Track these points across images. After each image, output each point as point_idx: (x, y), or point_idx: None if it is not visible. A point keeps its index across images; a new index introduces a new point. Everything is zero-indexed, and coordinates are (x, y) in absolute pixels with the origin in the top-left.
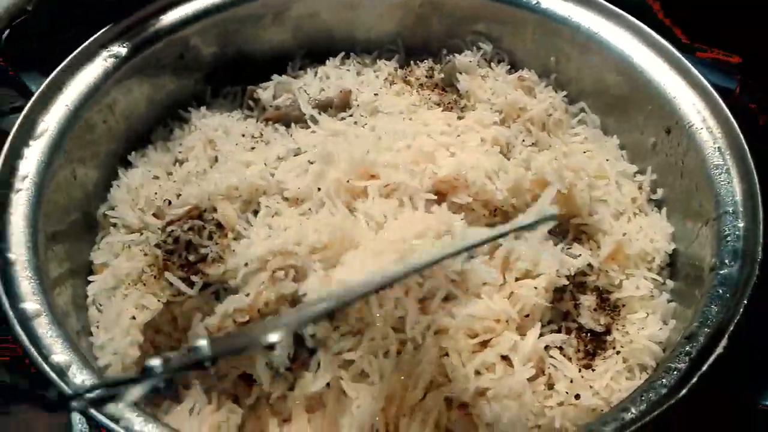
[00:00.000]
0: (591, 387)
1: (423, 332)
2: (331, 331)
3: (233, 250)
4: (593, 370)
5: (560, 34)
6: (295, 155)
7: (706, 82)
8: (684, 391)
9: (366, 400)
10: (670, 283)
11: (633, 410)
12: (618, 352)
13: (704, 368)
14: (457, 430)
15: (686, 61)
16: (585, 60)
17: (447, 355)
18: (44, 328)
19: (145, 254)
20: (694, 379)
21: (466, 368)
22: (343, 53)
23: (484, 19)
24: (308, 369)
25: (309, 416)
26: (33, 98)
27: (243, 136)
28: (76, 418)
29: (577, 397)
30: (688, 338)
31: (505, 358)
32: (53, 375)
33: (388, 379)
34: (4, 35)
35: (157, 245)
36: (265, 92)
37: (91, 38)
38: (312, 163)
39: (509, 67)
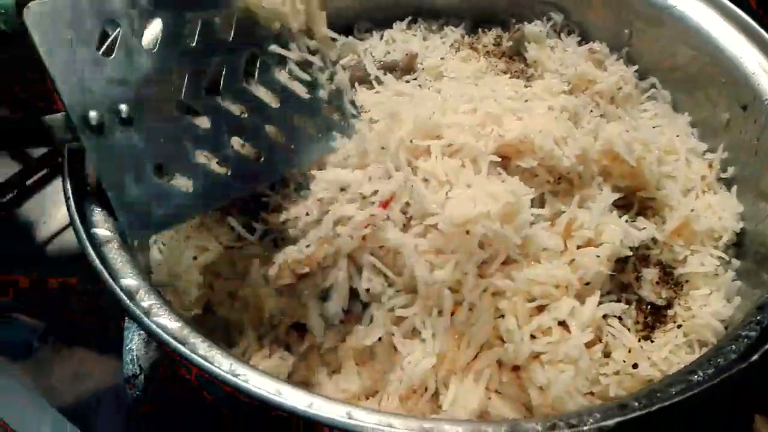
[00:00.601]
0: (649, 358)
1: (480, 294)
2: (386, 287)
3: (294, 201)
4: (652, 341)
5: (633, 6)
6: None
7: None
8: (755, 357)
9: (417, 357)
10: (735, 262)
11: (700, 373)
12: (679, 326)
13: None
14: (507, 392)
15: (766, 34)
16: (658, 33)
17: (502, 317)
18: (114, 253)
19: None
20: (766, 347)
21: (521, 331)
22: (409, 18)
23: None
24: (360, 323)
25: (358, 368)
26: None
27: None
28: (127, 358)
29: (635, 366)
30: (759, 308)
31: (562, 323)
32: (123, 296)
33: (440, 338)
34: None
35: None
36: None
37: None
38: (376, 121)
39: (579, 39)
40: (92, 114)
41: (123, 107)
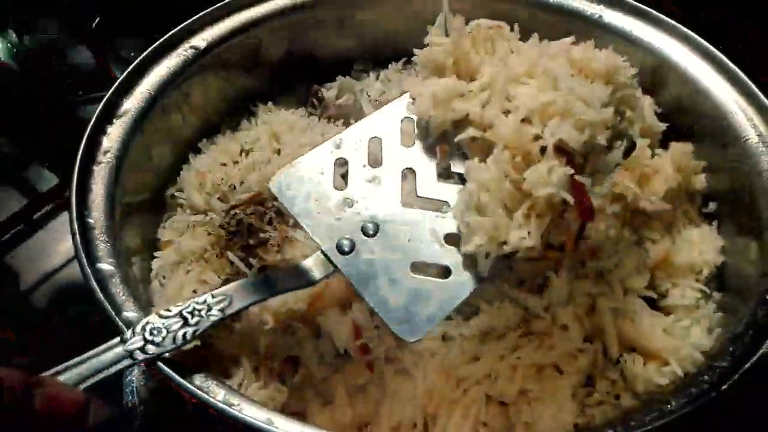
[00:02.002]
0: (632, 390)
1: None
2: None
3: (291, 239)
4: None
5: (620, 46)
6: None
7: (762, 96)
8: (725, 387)
9: (407, 394)
10: (717, 295)
11: (673, 402)
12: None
13: (747, 366)
14: (494, 425)
15: (742, 74)
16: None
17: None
18: (117, 287)
19: (209, 234)
20: (736, 376)
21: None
22: (405, 59)
23: (547, 32)
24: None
25: (350, 400)
26: (117, 82)
27: (305, 131)
28: (126, 389)
29: (617, 397)
30: (732, 339)
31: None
32: (124, 328)
33: (430, 377)
34: (95, 23)
35: (221, 226)
36: (328, 92)
37: (174, 31)
38: None
39: None
40: (344, 242)
41: (369, 225)
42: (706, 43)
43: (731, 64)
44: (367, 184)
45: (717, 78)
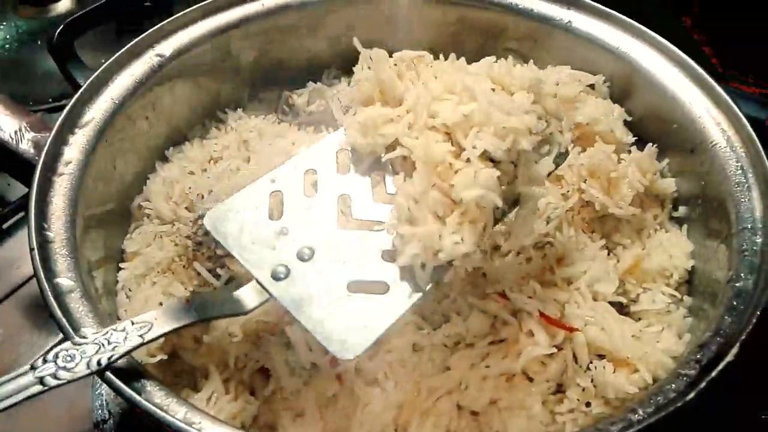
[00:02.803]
0: (602, 396)
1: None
2: None
3: None
4: None
5: (590, 52)
6: None
7: (730, 101)
8: (691, 395)
9: (378, 405)
10: (687, 300)
11: (641, 412)
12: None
13: (713, 374)
14: None
15: (711, 80)
16: (612, 77)
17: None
18: (76, 303)
19: (176, 245)
20: (703, 385)
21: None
22: None
23: (516, 36)
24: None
25: (321, 412)
26: (81, 89)
27: (276, 138)
28: (96, 403)
29: (588, 405)
30: (700, 347)
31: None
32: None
33: (401, 387)
34: (57, 31)
35: (188, 237)
36: (299, 98)
37: (139, 37)
38: None
39: None
40: (279, 269)
41: (305, 250)
42: (676, 49)
43: (700, 70)
44: (302, 212)
45: (686, 83)
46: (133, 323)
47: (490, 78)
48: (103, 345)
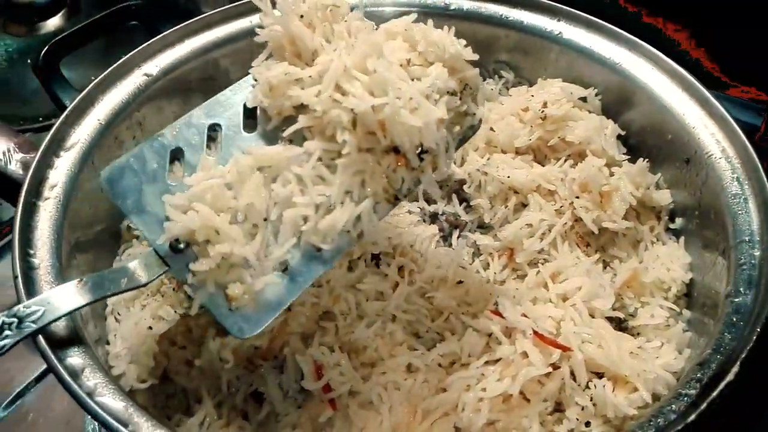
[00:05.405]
0: (602, 416)
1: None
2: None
3: None
4: None
5: (582, 63)
6: None
7: (725, 112)
8: (693, 417)
9: (373, 429)
10: (686, 313)
11: None
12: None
13: (714, 395)
14: None
15: (705, 91)
16: (605, 89)
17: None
18: (62, 329)
19: None
20: (704, 406)
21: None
22: None
23: (508, 49)
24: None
25: None
26: (66, 111)
27: None
28: (89, 427)
29: (587, 424)
30: (700, 365)
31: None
32: (66, 376)
33: (396, 410)
34: (42, 53)
35: None
36: None
37: (126, 57)
38: None
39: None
40: (181, 239)
41: None
42: (670, 61)
43: (694, 80)
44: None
45: (680, 94)
46: (25, 307)
47: (407, 41)
48: None
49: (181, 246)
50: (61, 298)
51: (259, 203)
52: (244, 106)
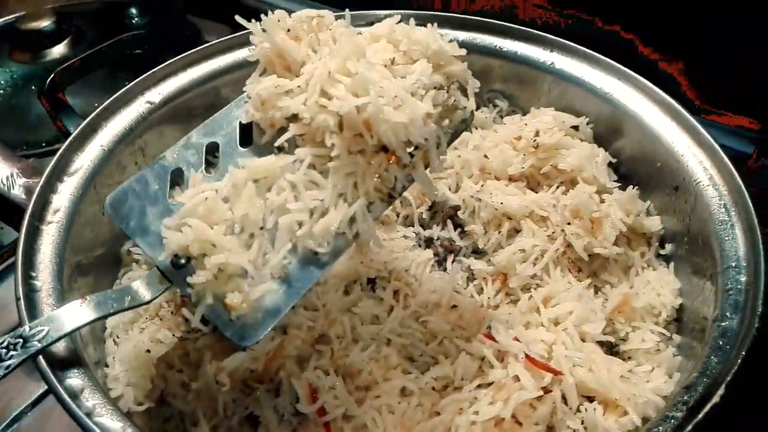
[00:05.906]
0: None
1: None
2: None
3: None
4: None
5: (574, 93)
6: None
7: (712, 140)
8: None
9: None
10: (677, 338)
11: None
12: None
13: (699, 417)
14: None
15: (692, 119)
16: (596, 118)
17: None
18: (63, 350)
19: None
20: (689, 428)
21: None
22: None
23: (502, 79)
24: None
25: None
26: (71, 137)
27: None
28: None
29: None
30: (687, 388)
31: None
32: (65, 396)
33: None
34: (48, 81)
35: None
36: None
37: (129, 85)
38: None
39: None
40: (180, 254)
41: None
42: (657, 89)
43: (681, 109)
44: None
45: (668, 123)
46: (30, 328)
47: (391, 42)
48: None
49: (182, 261)
50: (64, 317)
51: (254, 213)
52: (240, 122)
